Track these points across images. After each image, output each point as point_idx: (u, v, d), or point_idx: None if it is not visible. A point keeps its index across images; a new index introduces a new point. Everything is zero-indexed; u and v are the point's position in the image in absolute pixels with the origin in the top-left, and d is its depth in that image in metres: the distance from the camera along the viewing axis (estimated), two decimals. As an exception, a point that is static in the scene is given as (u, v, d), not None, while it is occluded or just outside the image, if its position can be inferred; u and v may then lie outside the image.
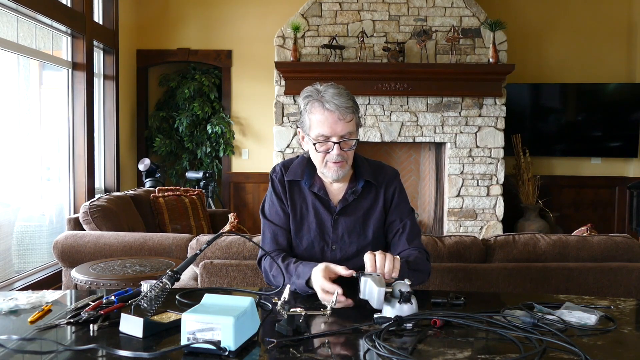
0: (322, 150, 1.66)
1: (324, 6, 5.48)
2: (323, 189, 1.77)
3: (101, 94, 5.40)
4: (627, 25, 6.09)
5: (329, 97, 1.63)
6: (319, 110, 1.64)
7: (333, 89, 1.65)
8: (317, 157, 1.69)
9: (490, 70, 5.32)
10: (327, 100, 1.63)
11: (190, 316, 1.12)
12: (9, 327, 1.31)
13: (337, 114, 1.62)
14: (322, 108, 1.63)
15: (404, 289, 1.34)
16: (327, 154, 1.67)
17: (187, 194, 4.50)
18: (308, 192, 1.77)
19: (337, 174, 1.69)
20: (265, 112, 5.94)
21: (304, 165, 1.79)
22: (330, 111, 1.62)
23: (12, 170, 4.30)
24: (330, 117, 1.62)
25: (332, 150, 1.65)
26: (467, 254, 2.46)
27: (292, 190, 1.79)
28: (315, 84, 1.70)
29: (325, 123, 1.63)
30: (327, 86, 1.67)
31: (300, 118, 1.70)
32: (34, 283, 4.12)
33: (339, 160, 1.66)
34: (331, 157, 1.66)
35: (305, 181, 1.76)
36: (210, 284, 2.34)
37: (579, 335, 1.26)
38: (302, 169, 1.78)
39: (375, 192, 1.78)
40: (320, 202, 1.76)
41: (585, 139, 6.05)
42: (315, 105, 1.64)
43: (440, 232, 5.69)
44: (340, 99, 1.63)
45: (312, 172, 1.78)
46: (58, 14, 4.33)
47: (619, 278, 2.38)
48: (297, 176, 1.77)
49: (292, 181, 1.79)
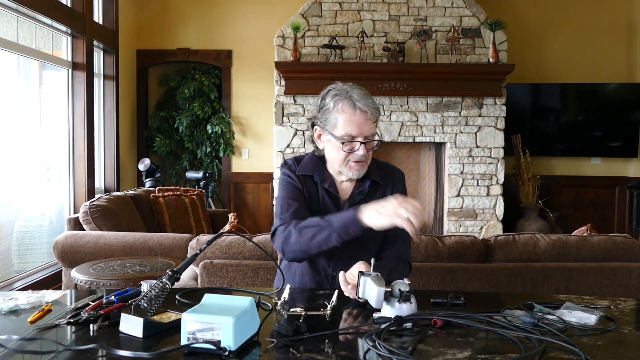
0: (347, 150, 1.67)
1: (324, 6, 5.48)
2: (333, 186, 1.78)
3: (101, 94, 5.40)
4: (627, 25, 6.09)
5: (358, 97, 1.64)
6: (349, 109, 1.65)
7: (358, 89, 1.67)
8: (339, 155, 1.70)
9: (490, 70, 5.32)
10: (357, 99, 1.64)
11: (190, 316, 1.12)
12: (9, 327, 1.31)
13: (368, 114, 1.64)
14: (354, 108, 1.64)
15: (404, 288, 1.34)
16: (350, 154, 1.68)
17: (187, 194, 4.50)
18: (319, 187, 1.78)
19: (359, 173, 1.71)
20: (265, 112, 5.94)
21: (314, 161, 1.81)
22: (363, 112, 1.64)
23: (12, 170, 4.30)
24: (360, 118, 1.64)
25: (357, 150, 1.67)
26: (467, 254, 2.46)
27: (305, 184, 1.79)
28: (336, 82, 1.72)
29: (355, 123, 1.64)
30: (351, 86, 1.68)
31: (323, 116, 1.70)
32: (34, 283, 4.12)
33: (362, 160, 1.69)
34: (355, 157, 1.68)
35: (317, 176, 1.78)
36: (210, 284, 2.34)
37: (579, 335, 1.26)
38: (313, 165, 1.80)
39: (382, 192, 1.80)
40: (329, 198, 1.77)
41: (585, 139, 6.05)
42: (346, 104, 1.65)
43: (440, 232, 5.69)
44: (368, 100, 1.65)
45: (322, 168, 1.80)
46: (58, 14, 4.33)
47: (619, 278, 2.39)
48: (309, 171, 1.79)
49: (304, 176, 1.80)
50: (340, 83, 1.71)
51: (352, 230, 1.55)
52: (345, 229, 1.55)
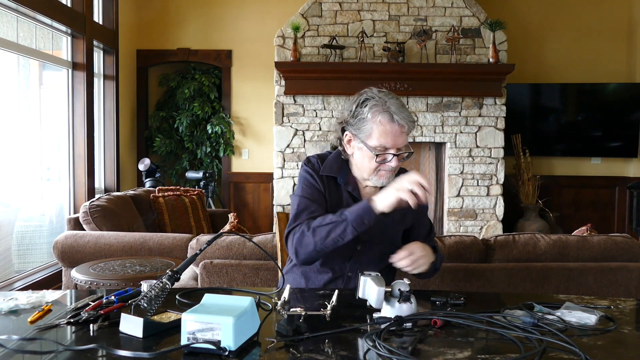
0: (380, 161, 1.67)
1: (324, 6, 5.48)
2: (357, 190, 1.77)
3: (101, 94, 5.40)
4: (627, 25, 6.09)
5: (395, 109, 1.63)
6: (387, 121, 1.63)
7: (395, 99, 1.66)
8: (370, 165, 1.69)
9: (490, 70, 5.32)
10: (394, 112, 1.63)
11: (190, 316, 1.11)
12: (9, 327, 1.31)
13: (405, 127, 1.64)
14: (391, 121, 1.63)
15: (404, 288, 1.34)
16: (381, 164, 1.67)
17: (187, 194, 4.50)
18: (342, 189, 1.77)
19: (388, 182, 1.68)
20: (265, 112, 5.94)
21: (339, 162, 1.78)
22: (400, 125, 1.63)
23: (12, 170, 4.30)
24: (396, 131, 1.64)
25: (389, 161, 1.66)
26: (467, 254, 2.46)
27: (327, 185, 1.77)
28: (371, 88, 1.70)
29: (390, 135, 1.64)
30: (388, 95, 1.67)
31: (357, 124, 1.68)
32: (34, 283, 4.12)
33: (393, 170, 1.69)
34: (386, 167, 1.68)
35: (341, 178, 1.76)
36: (210, 284, 2.34)
37: (579, 335, 1.26)
38: (337, 166, 1.78)
39: None
40: (353, 201, 1.74)
41: (585, 139, 6.05)
42: (385, 117, 1.64)
43: (440, 232, 5.68)
44: (405, 112, 1.64)
45: (347, 170, 1.78)
46: (58, 14, 4.33)
47: (619, 278, 2.39)
48: (333, 172, 1.77)
49: (327, 177, 1.77)
50: (375, 90, 1.69)
51: (367, 219, 1.56)
52: (360, 220, 1.56)
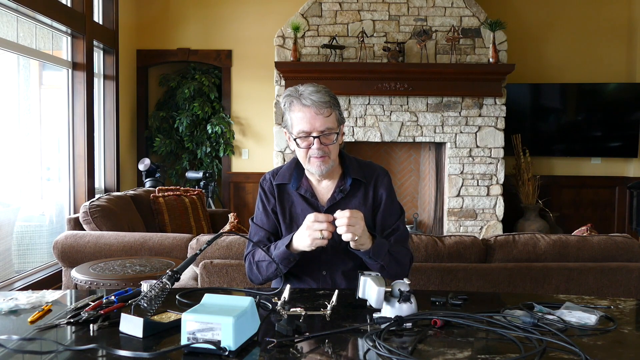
0: (304, 146, 1.71)
1: (324, 6, 5.48)
2: (310, 190, 1.81)
3: (101, 94, 5.40)
4: (627, 25, 6.09)
5: (306, 94, 1.69)
6: (297, 107, 1.70)
7: (311, 87, 1.72)
8: (300, 153, 1.74)
9: (490, 70, 5.32)
10: (304, 97, 1.69)
11: (190, 316, 1.12)
12: (9, 327, 1.31)
13: (314, 109, 1.68)
14: (301, 105, 1.69)
15: (404, 288, 1.34)
16: (309, 150, 1.71)
17: (187, 194, 4.50)
18: (295, 194, 1.81)
19: (320, 169, 1.72)
20: (265, 112, 5.94)
21: (292, 168, 1.84)
22: (308, 107, 1.68)
23: (12, 170, 4.30)
24: (308, 113, 1.68)
25: (313, 145, 1.70)
26: (467, 254, 2.46)
27: (282, 195, 1.83)
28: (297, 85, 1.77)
29: (304, 119, 1.69)
30: (306, 85, 1.73)
31: (284, 120, 1.77)
32: (34, 283, 4.12)
33: (321, 155, 1.71)
34: (313, 152, 1.71)
35: (292, 184, 1.81)
36: (210, 284, 2.34)
37: (579, 335, 1.26)
38: (290, 173, 1.83)
39: (364, 190, 1.81)
40: (307, 204, 1.79)
41: (585, 139, 6.05)
42: (294, 103, 1.71)
43: (440, 232, 5.69)
44: (317, 95, 1.68)
45: (300, 174, 1.82)
46: (58, 14, 4.33)
47: (619, 278, 2.39)
48: (285, 180, 1.83)
49: (281, 185, 1.84)
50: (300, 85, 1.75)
51: (292, 258, 1.69)
52: (286, 261, 1.69)
